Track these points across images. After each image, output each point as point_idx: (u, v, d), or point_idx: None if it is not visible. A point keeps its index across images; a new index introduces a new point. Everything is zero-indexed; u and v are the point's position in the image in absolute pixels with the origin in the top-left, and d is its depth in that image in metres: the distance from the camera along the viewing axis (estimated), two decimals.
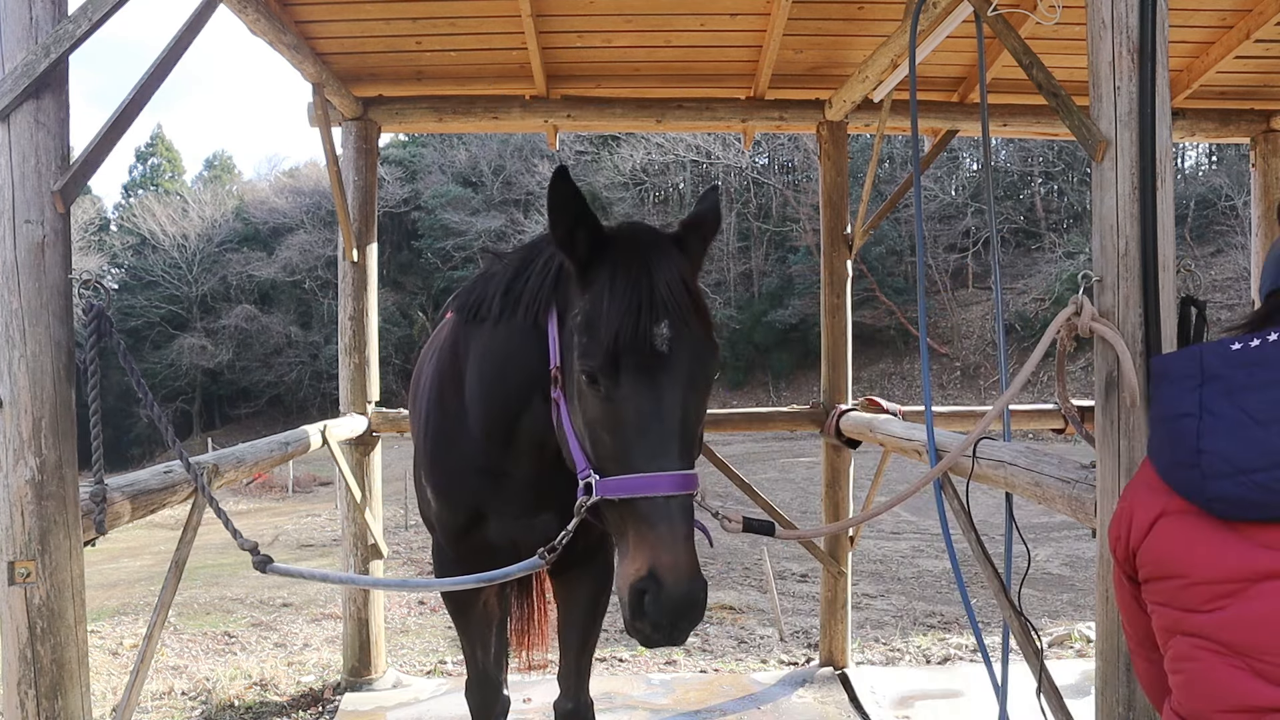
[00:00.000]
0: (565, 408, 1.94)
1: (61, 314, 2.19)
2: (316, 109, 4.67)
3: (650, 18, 4.47)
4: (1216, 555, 1.35)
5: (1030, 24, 4.09)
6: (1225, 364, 1.38)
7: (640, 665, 5.90)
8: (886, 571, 10.81)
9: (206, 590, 9.84)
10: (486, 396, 2.44)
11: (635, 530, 1.78)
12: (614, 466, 1.83)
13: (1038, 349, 2.31)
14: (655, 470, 1.77)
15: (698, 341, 1.88)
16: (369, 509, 5.07)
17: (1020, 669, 3.22)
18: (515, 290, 2.29)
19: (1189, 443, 1.38)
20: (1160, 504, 1.44)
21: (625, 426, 1.81)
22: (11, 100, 2.11)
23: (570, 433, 1.92)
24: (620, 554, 1.84)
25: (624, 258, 1.89)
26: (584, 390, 1.87)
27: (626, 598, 1.77)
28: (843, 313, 5.34)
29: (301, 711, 4.94)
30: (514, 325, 2.29)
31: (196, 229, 46.75)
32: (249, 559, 2.49)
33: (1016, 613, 2.83)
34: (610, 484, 1.81)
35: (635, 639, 1.81)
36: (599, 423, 1.85)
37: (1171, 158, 2.28)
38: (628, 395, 1.81)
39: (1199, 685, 1.36)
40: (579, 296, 1.95)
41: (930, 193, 33.24)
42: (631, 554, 1.78)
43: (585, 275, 1.94)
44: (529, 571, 2.18)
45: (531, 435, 2.38)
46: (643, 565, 1.74)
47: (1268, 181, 5.48)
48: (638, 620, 1.76)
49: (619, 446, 1.82)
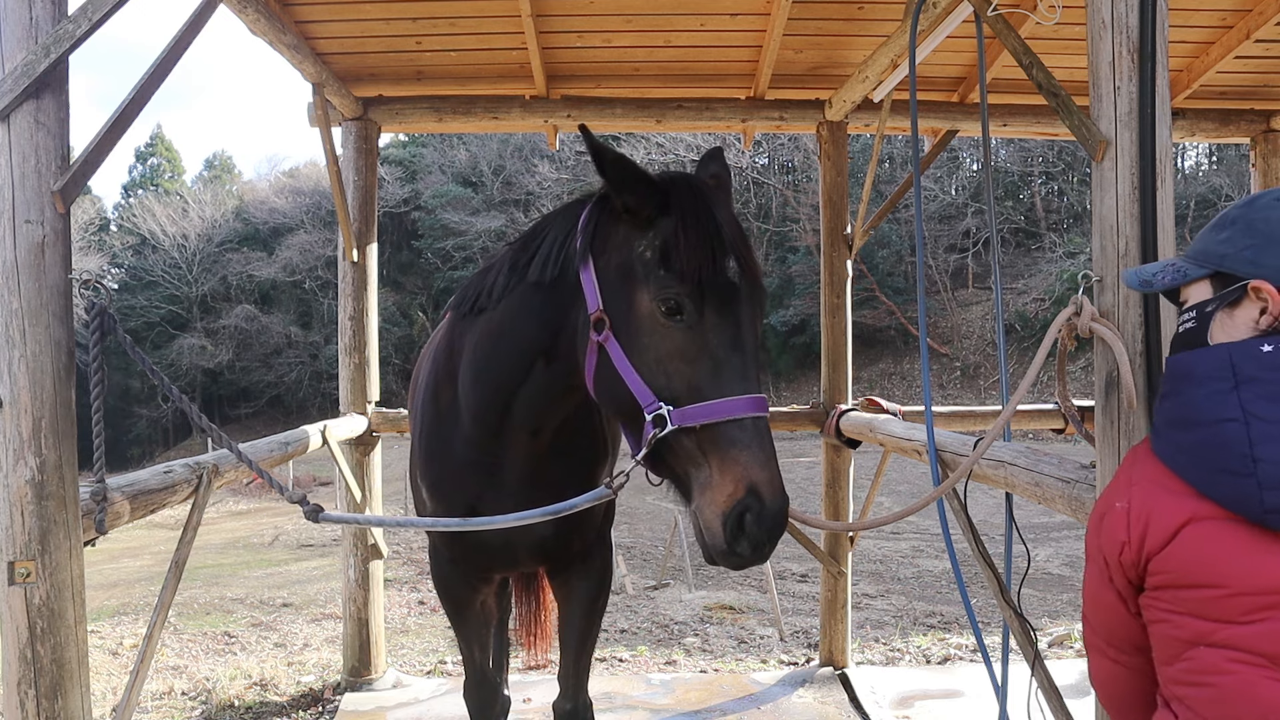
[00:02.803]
0: (618, 346, 1.94)
1: (61, 314, 2.19)
2: (316, 109, 4.67)
3: (650, 18, 4.47)
4: (1261, 565, 1.30)
5: (1030, 24, 4.09)
6: (1261, 367, 1.33)
7: (640, 665, 5.90)
8: (886, 571, 10.82)
9: (206, 590, 9.84)
10: (479, 381, 2.44)
11: (722, 454, 1.79)
12: (692, 395, 1.84)
13: (1040, 351, 2.31)
14: (739, 394, 1.82)
15: (757, 276, 1.98)
16: (369, 509, 5.07)
17: (1020, 669, 3.22)
18: (522, 260, 2.29)
19: (1239, 449, 1.31)
20: (1187, 509, 1.38)
21: (708, 354, 1.85)
22: (11, 100, 2.11)
23: (628, 369, 1.92)
24: (698, 483, 1.84)
25: (688, 199, 1.94)
26: (657, 323, 1.89)
27: (723, 522, 1.77)
28: (843, 313, 5.34)
29: (301, 711, 4.94)
30: (516, 297, 2.29)
31: (196, 229, 46.75)
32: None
33: (1016, 613, 2.83)
34: (694, 411, 1.82)
35: (725, 565, 1.81)
36: (677, 353, 1.88)
37: (1171, 158, 2.28)
38: (712, 324, 1.86)
39: (1236, 700, 1.31)
40: (638, 236, 1.96)
41: (930, 193, 33.23)
42: (719, 479, 1.79)
43: (644, 217, 1.96)
44: (597, 502, 2.21)
45: (526, 414, 2.39)
46: (738, 486, 1.76)
47: (1268, 181, 5.47)
48: (738, 542, 1.77)
49: (701, 374, 1.85)
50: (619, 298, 1.97)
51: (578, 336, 2.11)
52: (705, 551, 1.85)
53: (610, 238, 2.04)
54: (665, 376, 1.89)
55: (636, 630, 7.82)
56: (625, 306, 1.96)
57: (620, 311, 1.96)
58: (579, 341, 2.10)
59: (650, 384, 1.89)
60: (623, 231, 2.01)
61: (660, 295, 1.88)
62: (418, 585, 9.52)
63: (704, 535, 1.82)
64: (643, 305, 1.92)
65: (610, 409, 2.09)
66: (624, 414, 2.00)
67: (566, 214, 2.25)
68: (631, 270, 1.96)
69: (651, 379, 1.89)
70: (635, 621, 8.17)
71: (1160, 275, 1.62)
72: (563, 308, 2.16)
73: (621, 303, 1.97)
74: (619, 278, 1.98)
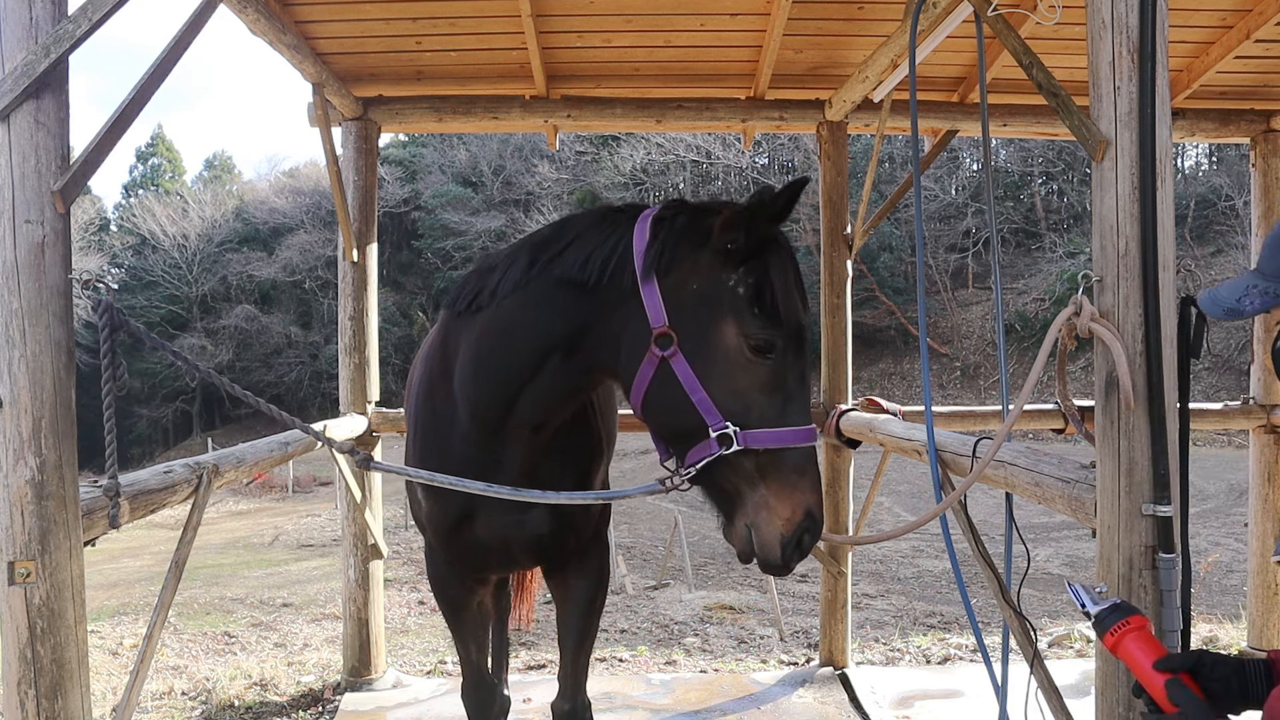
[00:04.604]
0: (687, 365, 2.06)
1: (61, 314, 2.19)
2: (316, 109, 4.67)
3: (650, 18, 4.47)
4: None
5: (1030, 24, 4.09)
6: None
7: (640, 665, 5.90)
8: (886, 571, 10.82)
9: (206, 590, 9.84)
10: (481, 375, 2.43)
11: (782, 476, 2.00)
12: (761, 421, 2.02)
13: (1040, 353, 2.31)
14: (802, 425, 2.04)
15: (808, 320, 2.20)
16: (369, 509, 5.07)
17: (1020, 669, 3.22)
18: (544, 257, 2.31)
19: None
20: None
21: (782, 388, 2.05)
22: (11, 100, 2.11)
23: (697, 388, 2.05)
24: (751, 501, 2.02)
25: (779, 245, 2.11)
26: (743, 355, 2.04)
27: (783, 541, 1.98)
28: (843, 313, 5.33)
29: (301, 711, 4.95)
30: (534, 291, 2.30)
31: (196, 229, 46.76)
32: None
33: (1016, 613, 2.83)
34: (762, 435, 2.00)
35: (771, 573, 2.05)
36: (756, 384, 2.04)
37: (1171, 158, 2.28)
38: (790, 363, 2.07)
39: None
40: (727, 270, 2.08)
41: (930, 193, 33.23)
42: (777, 499, 1.99)
43: (739, 254, 2.07)
44: (648, 493, 2.34)
45: (531, 409, 2.40)
46: (797, 510, 1.98)
47: (1268, 181, 5.47)
48: (792, 557, 2.00)
49: (773, 404, 2.04)
50: (695, 321, 2.08)
51: (621, 341, 2.18)
52: (747, 558, 2.04)
53: (682, 260, 2.12)
54: (740, 402, 2.04)
55: (636, 630, 7.83)
56: (703, 331, 2.07)
57: (694, 334, 2.08)
58: (624, 347, 2.17)
59: (720, 406, 2.03)
60: (705, 259, 2.10)
61: (751, 332, 2.04)
62: (418, 585, 9.52)
63: (754, 546, 2.02)
64: (728, 336, 2.05)
65: (661, 418, 2.15)
66: (677, 426, 2.11)
67: (609, 221, 2.28)
68: (717, 300, 2.08)
69: (723, 402, 2.04)
70: (635, 621, 8.18)
71: (1246, 300, 1.63)
72: (603, 310, 2.20)
73: (697, 326, 2.08)
74: (698, 303, 2.09)
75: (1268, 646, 5.28)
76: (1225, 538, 12.50)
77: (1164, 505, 2.21)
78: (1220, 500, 15.91)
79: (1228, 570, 10.31)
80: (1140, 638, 1.64)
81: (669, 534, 10.34)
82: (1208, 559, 10.33)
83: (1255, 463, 5.45)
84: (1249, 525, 5.71)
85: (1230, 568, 10.39)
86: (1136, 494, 2.25)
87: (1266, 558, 5.33)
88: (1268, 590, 5.32)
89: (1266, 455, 5.38)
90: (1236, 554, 10.94)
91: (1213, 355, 25.78)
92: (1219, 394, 22.53)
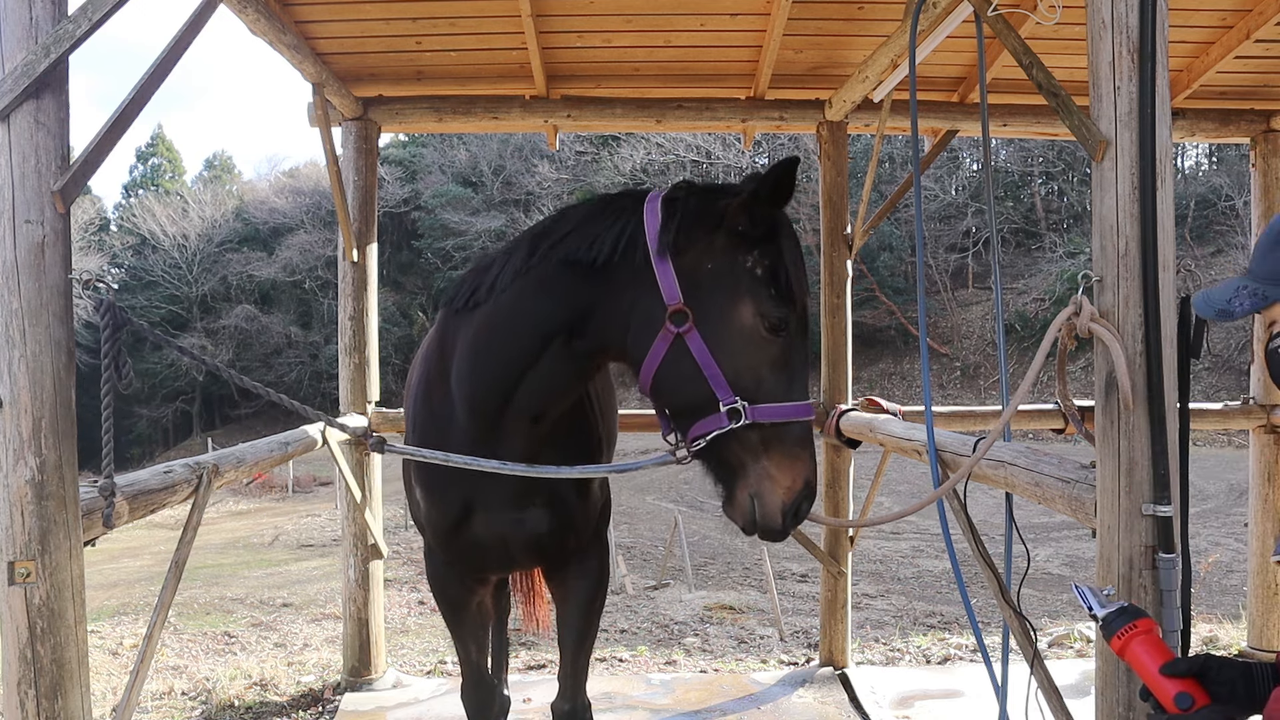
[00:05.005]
0: (702, 342, 2.13)
1: (61, 314, 2.19)
2: (316, 109, 4.67)
3: (650, 18, 4.47)
4: None
5: (1030, 24, 4.08)
6: None
7: (640, 665, 5.90)
8: (886, 571, 10.83)
9: (206, 590, 9.85)
10: (479, 367, 2.43)
11: (784, 448, 2.09)
12: (768, 397, 2.11)
13: (1039, 352, 2.31)
14: (804, 400, 2.14)
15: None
16: (369, 509, 5.08)
17: (1020, 669, 3.22)
18: (544, 245, 2.33)
19: None
20: None
21: (788, 366, 2.14)
22: (11, 100, 2.11)
23: (711, 364, 2.12)
24: (754, 472, 2.10)
25: (788, 230, 2.19)
26: (758, 334, 2.12)
27: (783, 509, 2.07)
28: (843, 313, 5.33)
29: (301, 711, 4.95)
30: (534, 278, 2.31)
31: (196, 229, 46.74)
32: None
33: (1016, 613, 2.83)
34: (769, 409, 2.09)
35: (768, 539, 2.15)
36: (767, 361, 2.13)
37: (1171, 158, 2.28)
38: (798, 342, 2.17)
39: None
40: (742, 251, 2.15)
41: (930, 193, 33.23)
42: (779, 470, 2.09)
43: (754, 237, 2.15)
44: (662, 464, 2.43)
45: (530, 399, 2.40)
46: (797, 480, 2.09)
47: (1268, 181, 5.47)
48: (790, 523, 2.10)
49: (780, 381, 2.13)
50: (712, 299, 2.14)
51: (630, 320, 2.21)
52: (750, 529, 2.12)
53: (698, 241, 2.18)
54: (751, 378, 2.12)
55: (636, 630, 7.83)
56: (720, 309, 2.14)
57: (711, 311, 2.14)
58: (634, 325, 2.21)
59: (732, 381, 2.11)
60: (720, 241, 2.17)
61: (767, 311, 2.12)
62: (418, 585, 9.52)
63: (754, 514, 2.10)
64: (745, 314, 2.13)
65: (672, 393, 2.20)
66: (687, 401, 2.16)
67: (612, 206, 2.31)
68: (734, 280, 2.14)
69: (735, 377, 2.11)
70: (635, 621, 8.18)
71: (1236, 302, 1.63)
72: (611, 289, 2.23)
73: (714, 304, 2.14)
74: (714, 282, 2.15)
75: (1268, 646, 5.28)
76: (1225, 538, 12.51)
77: (1164, 505, 2.22)
78: (1220, 500, 15.92)
79: (1228, 570, 10.32)
80: (1147, 641, 1.65)
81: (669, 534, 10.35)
82: (1208, 559, 10.34)
83: (1255, 463, 5.45)
84: (1249, 525, 5.71)
85: (1230, 568, 10.40)
86: (1136, 494, 2.25)
87: (1266, 558, 5.33)
88: (1268, 590, 5.33)
89: (1266, 455, 5.38)
90: (1236, 554, 10.95)
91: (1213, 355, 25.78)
92: (1219, 394, 22.54)
